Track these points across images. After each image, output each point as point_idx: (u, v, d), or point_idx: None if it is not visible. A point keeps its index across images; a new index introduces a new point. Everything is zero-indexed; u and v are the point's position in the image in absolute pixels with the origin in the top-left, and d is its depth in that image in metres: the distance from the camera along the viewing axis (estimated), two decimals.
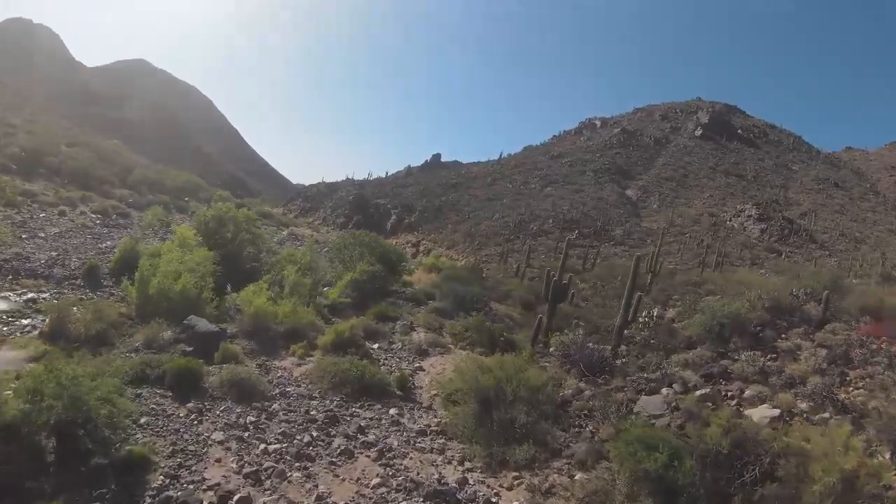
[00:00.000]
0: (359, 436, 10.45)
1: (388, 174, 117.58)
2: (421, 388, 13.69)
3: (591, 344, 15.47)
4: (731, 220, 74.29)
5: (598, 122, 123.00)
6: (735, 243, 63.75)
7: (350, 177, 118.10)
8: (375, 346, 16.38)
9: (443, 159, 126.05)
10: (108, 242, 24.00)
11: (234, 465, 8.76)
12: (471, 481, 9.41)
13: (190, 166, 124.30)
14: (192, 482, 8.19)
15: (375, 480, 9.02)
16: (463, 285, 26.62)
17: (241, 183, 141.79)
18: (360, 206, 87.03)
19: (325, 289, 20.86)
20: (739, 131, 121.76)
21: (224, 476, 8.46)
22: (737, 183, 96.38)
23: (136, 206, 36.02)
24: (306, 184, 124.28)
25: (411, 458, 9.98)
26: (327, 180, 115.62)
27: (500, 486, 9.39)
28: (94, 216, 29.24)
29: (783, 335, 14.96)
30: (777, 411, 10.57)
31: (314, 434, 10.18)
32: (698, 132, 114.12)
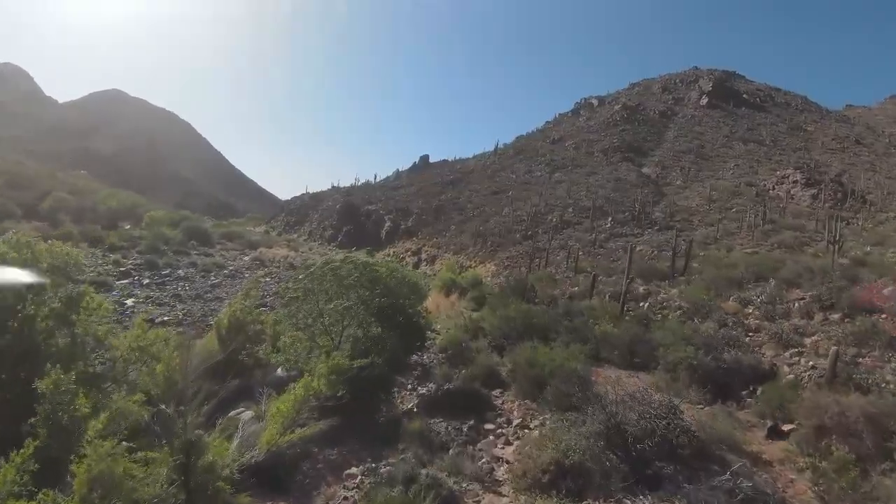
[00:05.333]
0: None
1: (377, 178, 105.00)
2: None
3: None
4: (774, 189, 62.59)
5: (594, 102, 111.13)
6: (790, 214, 52.58)
7: (336, 184, 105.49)
8: None
9: (431, 160, 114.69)
10: None
11: None
12: None
13: (169, 192, 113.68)
14: None
15: None
16: (525, 320, 14.73)
17: (225, 204, 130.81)
18: (349, 214, 74.99)
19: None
20: (745, 96, 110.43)
21: None
22: (757, 149, 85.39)
23: None
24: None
25: None
26: (311, 191, 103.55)
27: None
28: None
29: None
30: None
31: None
32: (704, 101, 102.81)
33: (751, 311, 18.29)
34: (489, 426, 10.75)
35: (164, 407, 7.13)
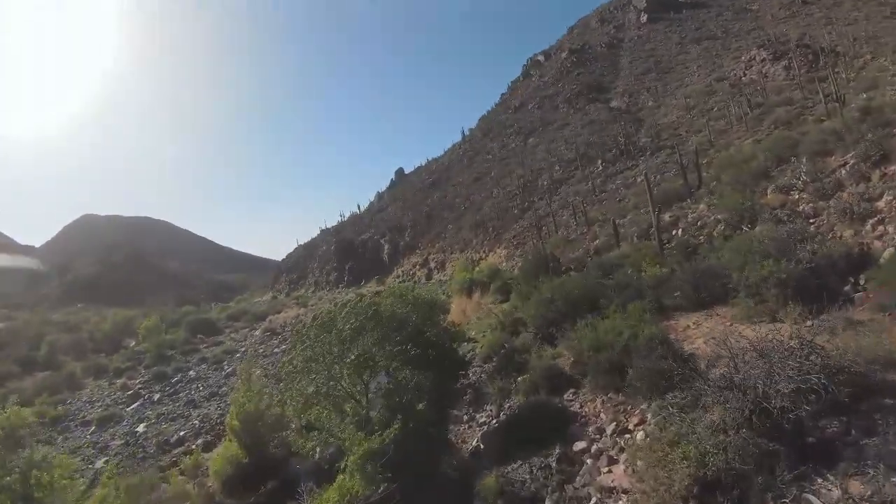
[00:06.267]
0: None
1: (361, 208, 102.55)
2: None
3: None
4: (745, 75, 60.16)
5: (541, 58, 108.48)
6: (772, 92, 50.22)
7: (323, 227, 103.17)
8: None
9: (406, 171, 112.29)
10: None
11: None
12: None
13: (167, 293, 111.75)
14: None
15: None
16: (565, 296, 12.56)
17: (225, 285, 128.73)
18: (346, 251, 72.87)
19: None
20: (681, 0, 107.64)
21: None
22: (713, 45, 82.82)
23: None
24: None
25: None
26: (303, 241, 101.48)
27: None
28: None
29: None
30: None
31: None
32: (644, 18, 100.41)
33: (797, 195, 15.97)
34: (580, 444, 8.51)
35: None
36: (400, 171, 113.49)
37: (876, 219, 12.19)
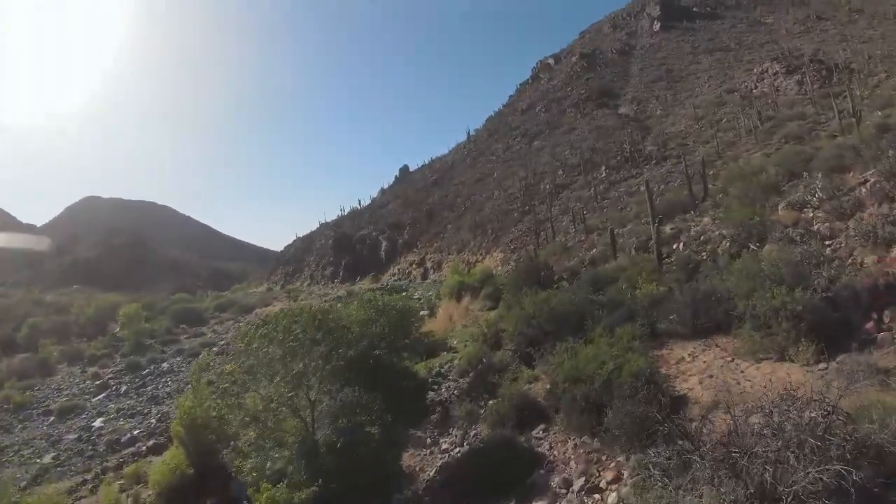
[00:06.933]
0: None
1: (362, 203, 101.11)
2: None
3: None
4: (756, 87, 58.72)
5: (551, 61, 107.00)
6: (784, 106, 48.75)
7: (323, 221, 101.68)
8: None
9: (412, 169, 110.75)
10: None
11: None
12: None
13: (165, 280, 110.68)
14: None
15: None
16: (548, 313, 11.21)
17: (224, 273, 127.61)
18: (343, 246, 71.51)
19: None
20: (695, 10, 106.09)
21: None
22: (725, 56, 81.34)
23: None
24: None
25: None
26: (300, 234, 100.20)
27: None
28: None
29: None
30: None
31: None
32: (657, 27, 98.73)
33: (811, 213, 14.53)
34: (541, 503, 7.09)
35: None
36: (404, 169, 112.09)
37: None
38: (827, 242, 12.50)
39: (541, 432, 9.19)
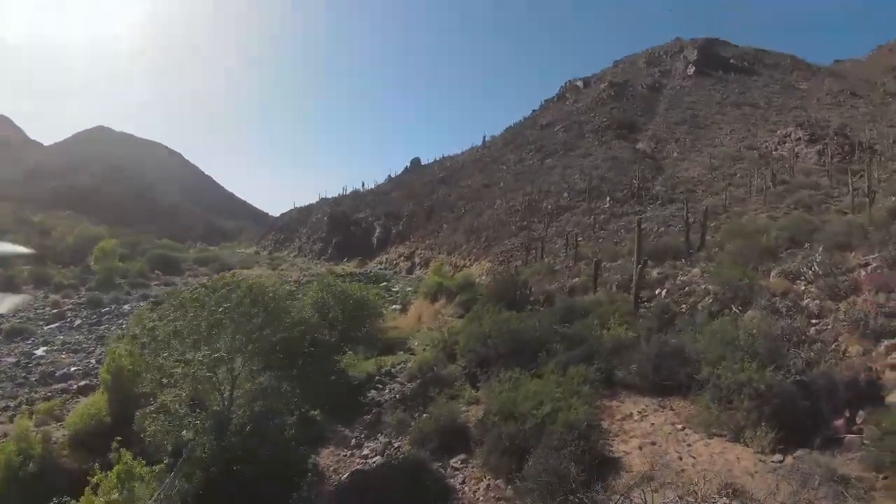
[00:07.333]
0: None
1: (366, 186, 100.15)
2: None
3: None
4: (776, 149, 58.09)
5: (580, 84, 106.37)
6: (799, 173, 48.11)
7: (323, 195, 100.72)
8: None
9: (423, 162, 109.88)
10: None
11: None
12: None
13: (160, 223, 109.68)
14: None
15: None
16: (506, 334, 10.52)
17: (218, 229, 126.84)
18: (337, 224, 70.72)
19: None
20: (732, 61, 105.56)
21: None
22: (752, 113, 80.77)
23: None
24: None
25: None
26: (300, 204, 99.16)
27: None
28: None
29: None
30: None
31: None
32: (691, 70, 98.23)
33: (804, 286, 13.80)
34: None
35: None
36: (416, 161, 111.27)
37: (894, 341, 9.99)
38: (813, 321, 11.75)
39: (459, 462, 8.48)
